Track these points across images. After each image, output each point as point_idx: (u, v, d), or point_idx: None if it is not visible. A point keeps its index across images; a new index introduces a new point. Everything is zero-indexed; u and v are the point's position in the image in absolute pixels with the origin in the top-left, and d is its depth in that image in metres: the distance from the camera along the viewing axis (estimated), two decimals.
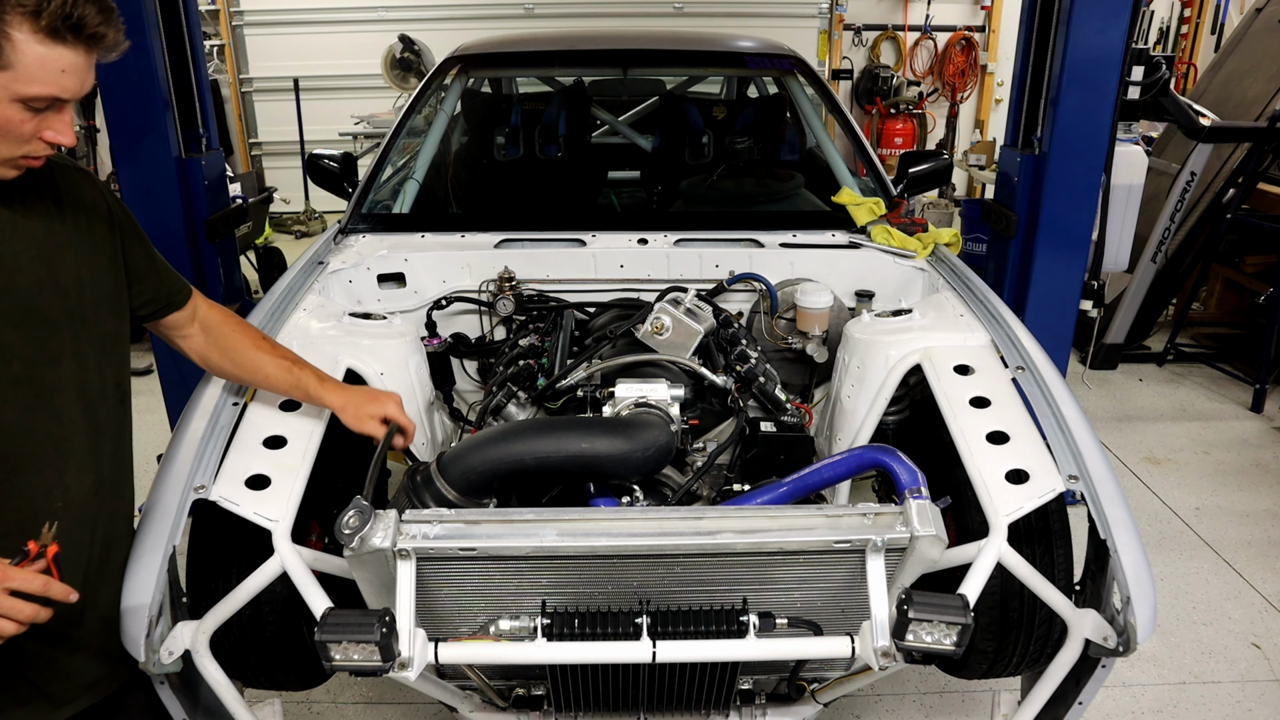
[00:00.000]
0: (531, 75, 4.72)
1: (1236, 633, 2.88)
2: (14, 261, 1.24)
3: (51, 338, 1.29)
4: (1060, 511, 1.81)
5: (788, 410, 2.09)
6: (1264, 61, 5.04)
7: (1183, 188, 4.54)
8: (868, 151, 3.26)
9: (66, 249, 1.31)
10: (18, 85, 1.06)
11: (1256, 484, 3.81)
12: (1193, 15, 8.60)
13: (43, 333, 1.28)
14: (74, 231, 1.33)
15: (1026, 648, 1.84)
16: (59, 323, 1.30)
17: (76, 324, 1.32)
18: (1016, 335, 2.08)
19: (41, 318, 1.27)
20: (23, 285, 1.24)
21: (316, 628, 1.32)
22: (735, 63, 3.80)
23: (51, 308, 1.29)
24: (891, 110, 8.42)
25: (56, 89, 1.11)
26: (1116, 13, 3.05)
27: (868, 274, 2.62)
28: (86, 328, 1.34)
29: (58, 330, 1.30)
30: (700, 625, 1.48)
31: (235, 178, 5.23)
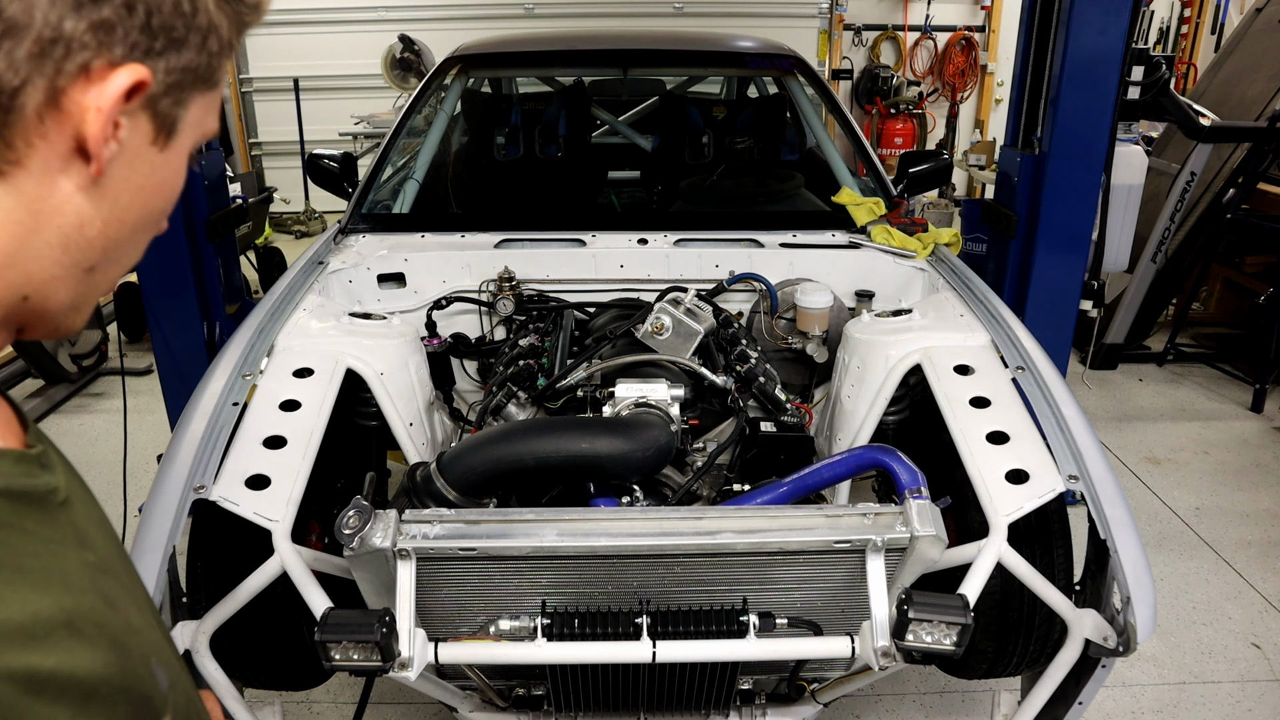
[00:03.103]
0: (531, 75, 4.72)
1: (1236, 633, 2.88)
2: None
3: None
4: (1060, 511, 1.81)
5: (788, 410, 2.09)
6: (1264, 61, 5.04)
7: (1183, 188, 4.54)
8: (868, 151, 3.26)
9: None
10: (210, 117, 0.60)
11: (1256, 484, 3.81)
12: (1193, 15, 8.60)
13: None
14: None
15: (1026, 648, 1.84)
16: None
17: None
18: (1016, 335, 2.08)
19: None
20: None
21: (316, 628, 1.32)
22: (735, 63, 3.80)
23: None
24: (891, 110, 8.42)
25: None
26: (1116, 13, 3.05)
27: (868, 274, 2.62)
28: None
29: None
30: (700, 625, 1.48)
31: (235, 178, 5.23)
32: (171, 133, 0.56)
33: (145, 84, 0.51)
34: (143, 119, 0.53)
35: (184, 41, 0.53)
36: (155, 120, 0.54)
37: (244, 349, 1.98)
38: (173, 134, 0.56)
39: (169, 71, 0.53)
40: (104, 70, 0.49)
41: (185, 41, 0.53)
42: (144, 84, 0.51)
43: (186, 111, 0.56)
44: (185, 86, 0.55)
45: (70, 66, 0.48)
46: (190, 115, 0.57)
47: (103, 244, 0.55)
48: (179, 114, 0.56)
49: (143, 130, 0.54)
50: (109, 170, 0.52)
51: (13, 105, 0.48)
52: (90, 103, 0.49)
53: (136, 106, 0.52)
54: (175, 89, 0.54)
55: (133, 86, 0.50)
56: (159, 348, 3.40)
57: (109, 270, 0.58)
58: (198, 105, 0.57)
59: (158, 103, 0.54)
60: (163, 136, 0.55)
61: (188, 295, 3.30)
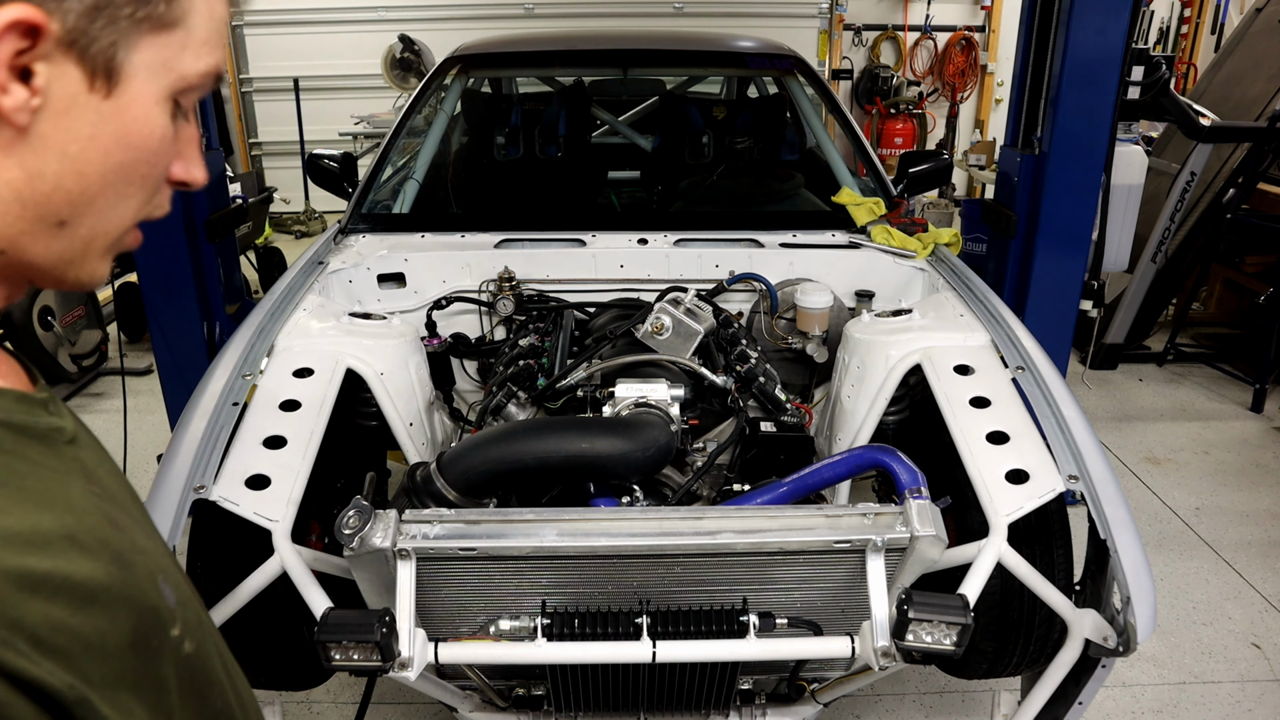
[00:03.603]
0: (531, 75, 4.72)
1: (1236, 633, 2.88)
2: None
3: None
4: (1060, 511, 1.81)
5: (788, 410, 2.09)
6: (1264, 61, 5.04)
7: (1183, 188, 4.54)
8: (868, 151, 3.26)
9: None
10: (186, 59, 0.56)
11: (1256, 484, 3.81)
12: (1193, 15, 8.60)
13: None
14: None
15: (1026, 648, 1.84)
16: None
17: None
18: (1016, 335, 2.08)
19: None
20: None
21: (316, 628, 1.32)
22: (735, 63, 3.80)
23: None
24: (891, 110, 8.42)
25: (218, 63, 0.61)
26: (1116, 13, 3.05)
27: (868, 274, 2.62)
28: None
29: None
30: (700, 625, 1.48)
31: (235, 178, 5.23)
32: (113, 78, 0.52)
33: (36, 25, 0.47)
34: (66, 65, 0.50)
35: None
36: (84, 65, 0.50)
37: (244, 349, 1.98)
38: (115, 79, 0.52)
39: (80, 11, 0.49)
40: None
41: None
42: (34, 24, 0.47)
43: (132, 54, 0.52)
44: (113, 25, 0.50)
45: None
46: (140, 58, 0.53)
47: (64, 197, 0.53)
48: (117, 57, 0.51)
49: (70, 77, 0.50)
50: (39, 122, 0.50)
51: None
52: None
53: (52, 51, 0.49)
54: (100, 30, 0.50)
55: (17, 26, 0.47)
56: (159, 348, 3.40)
57: (88, 223, 0.56)
58: (149, 47, 0.53)
59: (80, 46, 0.50)
60: (101, 82, 0.51)
61: (188, 295, 3.30)
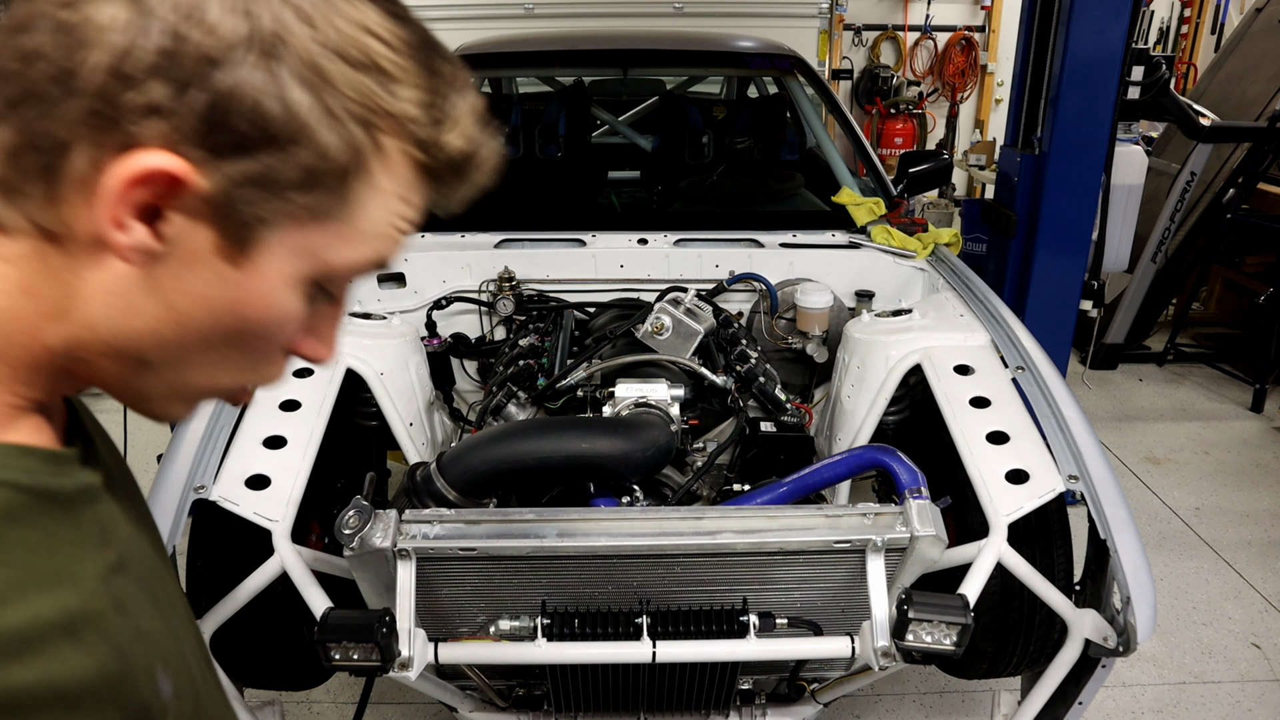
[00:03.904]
0: (531, 75, 4.72)
1: (1236, 633, 2.88)
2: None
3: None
4: (1060, 511, 1.81)
5: (788, 410, 2.09)
6: (1264, 61, 5.04)
7: (1183, 188, 4.54)
8: (868, 151, 3.26)
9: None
10: (339, 249, 0.53)
11: (1256, 484, 3.81)
12: (1193, 15, 8.59)
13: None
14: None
15: (1026, 648, 1.84)
16: None
17: None
18: (1016, 335, 2.08)
19: None
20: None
21: (316, 628, 1.32)
22: (735, 63, 3.80)
23: None
24: (891, 110, 8.42)
25: (381, 256, 0.56)
26: (1116, 13, 3.05)
27: (868, 274, 2.62)
28: None
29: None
30: (700, 625, 1.48)
31: None
32: (245, 250, 0.50)
33: (184, 180, 0.46)
34: (201, 222, 0.48)
35: (257, 148, 0.47)
36: (219, 227, 0.49)
37: None
38: (247, 251, 0.50)
39: (235, 178, 0.47)
40: (139, 151, 0.46)
41: (259, 148, 0.47)
42: (181, 179, 0.46)
43: (275, 233, 0.50)
44: (267, 203, 0.48)
45: (112, 139, 0.45)
46: (284, 238, 0.50)
47: (155, 341, 0.52)
48: (258, 230, 0.49)
49: (201, 235, 0.49)
50: (160, 266, 0.49)
51: (60, 164, 0.46)
52: (106, 179, 0.46)
53: (191, 206, 0.47)
54: (250, 202, 0.48)
55: (159, 175, 0.46)
56: None
57: (175, 372, 0.54)
58: (297, 230, 0.50)
59: (222, 210, 0.48)
60: (233, 249, 0.50)
61: None
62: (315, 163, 0.49)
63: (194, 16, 0.45)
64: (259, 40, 0.46)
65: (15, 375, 0.51)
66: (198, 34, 0.45)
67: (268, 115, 0.47)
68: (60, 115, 0.45)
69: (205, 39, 0.45)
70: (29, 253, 0.48)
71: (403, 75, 0.51)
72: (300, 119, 0.47)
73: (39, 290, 0.49)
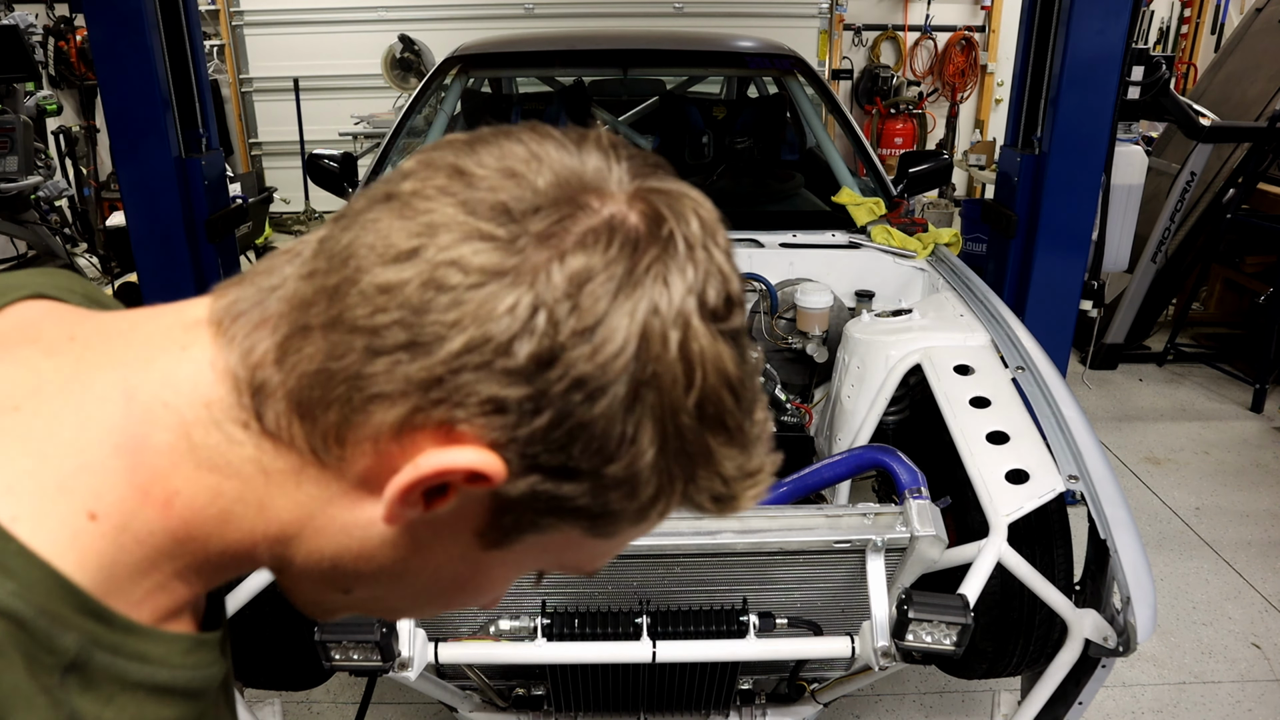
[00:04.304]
0: (531, 75, 4.72)
1: (1236, 633, 2.88)
2: None
3: None
4: (1060, 511, 1.81)
5: (788, 410, 2.09)
6: (1264, 61, 5.04)
7: (1183, 188, 4.54)
8: (868, 151, 3.26)
9: None
10: (581, 558, 0.53)
11: (1256, 484, 3.81)
12: (1193, 15, 8.59)
13: None
14: None
15: (1026, 648, 1.84)
16: None
17: None
18: (1016, 335, 2.08)
19: None
20: None
21: (316, 628, 1.32)
22: (735, 63, 3.80)
23: None
24: (891, 110, 8.42)
25: (601, 566, 0.57)
26: (1116, 13, 3.05)
27: (868, 274, 2.62)
28: None
29: None
30: (700, 625, 1.48)
31: (235, 178, 5.24)
32: (503, 543, 0.47)
33: (489, 479, 0.42)
34: (476, 509, 0.45)
35: (578, 476, 0.43)
36: (491, 521, 0.45)
37: None
38: (504, 544, 0.47)
39: (536, 492, 0.43)
40: (461, 439, 0.41)
41: (579, 477, 0.43)
42: (487, 478, 0.42)
43: (540, 535, 0.47)
44: (548, 514, 0.45)
45: (435, 415, 0.41)
46: (544, 541, 0.47)
47: (369, 581, 0.49)
48: (525, 533, 0.46)
49: (470, 520, 0.46)
50: (411, 527, 0.46)
51: (366, 408, 0.42)
52: (422, 458, 0.42)
53: (475, 494, 0.44)
54: (535, 510, 0.44)
55: (469, 473, 0.42)
56: None
57: (366, 605, 0.52)
58: (559, 538, 0.47)
59: (504, 508, 0.44)
60: (492, 540, 0.47)
61: (188, 295, 3.24)
62: (621, 502, 0.44)
63: (590, 336, 0.40)
64: (639, 373, 0.41)
65: (209, 572, 0.47)
66: (582, 355, 0.40)
67: (608, 452, 0.42)
68: (396, 368, 0.41)
69: (589, 365, 0.40)
70: (288, 471, 0.44)
71: (738, 434, 0.45)
72: (637, 465, 0.43)
73: (278, 513, 0.45)
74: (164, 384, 0.44)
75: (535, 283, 0.40)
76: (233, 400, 0.43)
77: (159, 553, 0.44)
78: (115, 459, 0.42)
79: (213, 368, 0.44)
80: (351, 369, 0.41)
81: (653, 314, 0.41)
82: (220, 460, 0.43)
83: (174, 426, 0.43)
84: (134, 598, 0.43)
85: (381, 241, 0.41)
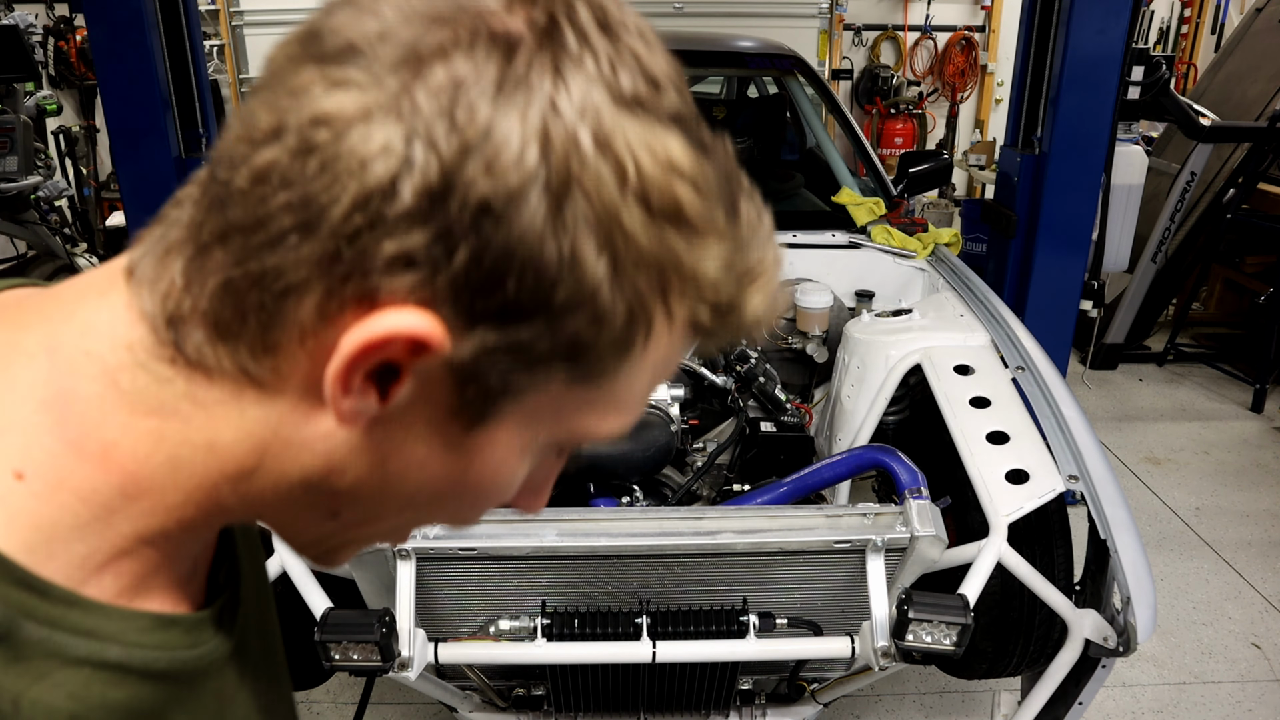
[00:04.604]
0: None
1: (1236, 633, 2.88)
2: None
3: None
4: (1060, 511, 1.81)
5: (788, 410, 2.09)
6: (1264, 61, 5.04)
7: (1183, 188, 4.54)
8: (868, 151, 3.26)
9: None
10: (585, 420, 0.46)
11: (1257, 484, 3.81)
12: (1193, 15, 8.59)
13: None
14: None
15: (1027, 648, 1.84)
16: None
17: None
18: (1016, 335, 2.08)
19: None
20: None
21: (316, 628, 1.32)
22: (735, 63, 3.80)
23: None
24: (891, 110, 8.41)
25: (625, 426, 0.50)
26: (1116, 13, 3.05)
27: (868, 274, 2.62)
28: None
29: None
30: (700, 625, 1.48)
31: None
32: (481, 417, 0.42)
33: (432, 345, 0.38)
34: (437, 387, 0.40)
35: (526, 314, 0.38)
36: (456, 395, 0.41)
37: None
38: (482, 419, 0.42)
39: (490, 346, 0.39)
40: (383, 308, 0.38)
41: (529, 314, 0.38)
42: (429, 344, 0.38)
43: (518, 401, 0.42)
44: (518, 370, 0.40)
45: (350, 290, 0.37)
46: (528, 406, 0.42)
47: (352, 498, 0.45)
48: (501, 400, 0.41)
49: (435, 401, 0.41)
50: (378, 428, 0.42)
51: (280, 307, 0.38)
52: (344, 339, 0.38)
53: (430, 369, 0.39)
54: (500, 369, 0.40)
55: (403, 339, 0.38)
56: None
57: (366, 528, 0.48)
58: (551, 401, 0.42)
59: (466, 376, 0.40)
60: (468, 418, 0.42)
61: None
62: (588, 332, 0.40)
63: (479, 149, 0.36)
64: (553, 181, 0.37)
65: (181, 536, 0.44)
66: (478, 173, 0.36)
67: (548, 278, 0.37)
68: (293, 254, 0.37)
69: (485, 181, 0.36)
70: (225, 399, 0.41)
71: (708, 227, 0.41)
72: (586, 284, 0.38)
73: (229, 447, 0.42)
74: (84, 333, 0.41)
75: (400, 111, 0.36)
76: (153, 339, 0.41)
77: (108, 511, 0.41)
78: (41, 415, 0.40)
79: (129, 309, 0.41)
80: (254, 271, 0.38)
81: (551, 112, 0.37)
82: (153, 402, 0.41)
83: (99, 375, 0.41)
84: (84, 565, 0.40)
85: (247, 130, 0.38)
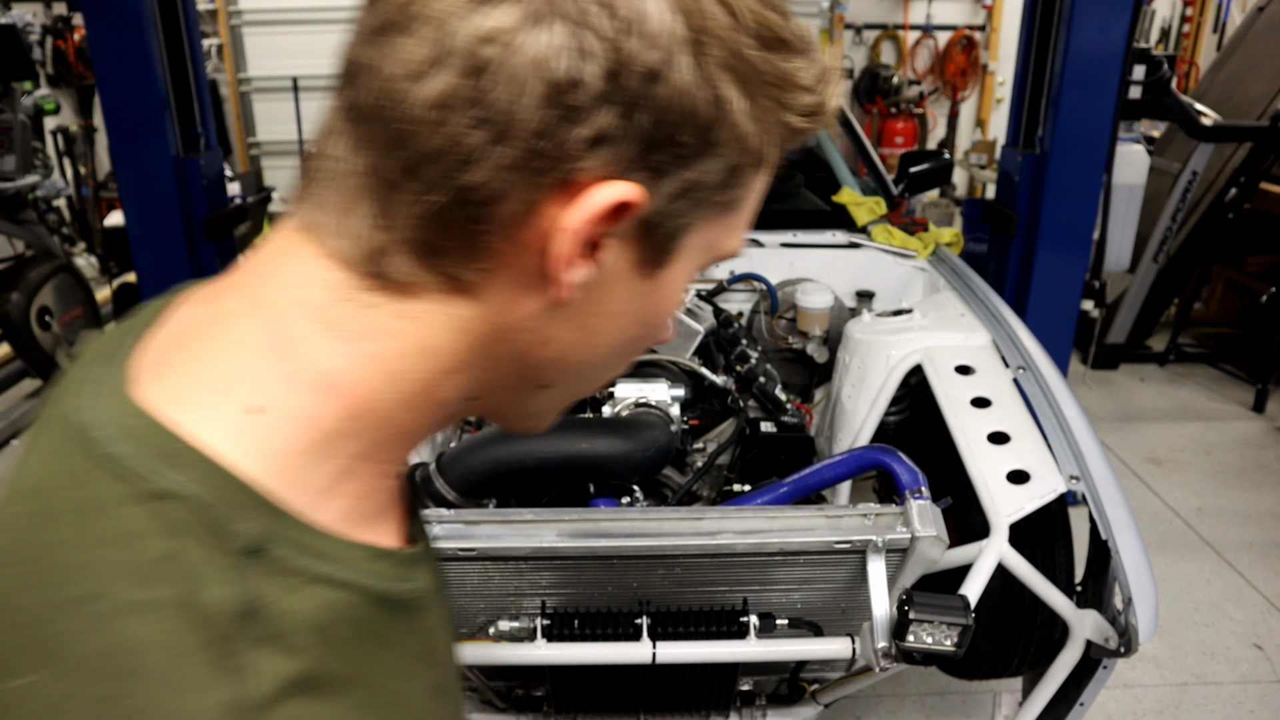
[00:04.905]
0: None
1: (1238, 634, 2.87)
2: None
3: None
4: (1061, 512, 1.81)
5: (788, 410, 2.09)
6: (1266, 61, 5.03)
7: (1184, 187, 4.53)
8: (868, 151, 3.25)
9: None
10: (728, 239, 0.52)
11: (1258, 484, 3.80)
12: (1195, 14, 8.59)
13: None
14: None
15: (1028, 649, 1.84)
16: None
17: None
18: (1017, 335, 2.07)
19: None
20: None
21: None
22: None
23: None
24: (892, 109, 8.41)
25: (745, 239, 0.57)
26: (1118, 12, 3.05)
27: (868, 274, 2.62)
28: None
29: None
30: (700, 626, 1.47)
31: (234, 177, 5.23)
32: (664, 259, 0.47)
33: (634, 205, 0.42)
34: (630, 242, 0.45)
35: (695, 156, 0.44)
36: (646, 245, 0.46)
37: None
38: (665, 260, 0.47)
39: (671, 192, 0.44)
40: (586, 185, 0.42)
41: (697, 156, 0.44)
42: (632, 205, 0.42)
43: (689, 236, 0.47)
44: (693, 210, 0.46)
45: (551, 179, 0.41)
46: (694, 239, 0.48)
47: (562, 366, 0.49)
48: (679, 238, 0.47)
49: (629, 255, 0.46)
50: (578, 294, 0.45)
51: (484, 214, 0.42)
52: (563, 221, 0.42)
53: (625, 228, 0.44)
54: (679, 212, 0.45)
55: (615, 207, 0.42)
56: None
57: (570, 388, 0.53)
58: (707, 228, 0.48)
59: (653, 225, 0.45)
60: (654, 263, 0.47)
61: None
62: (738, 159, 0.46)
63: (634, 26, 0.40)
64: (690, 36, 0.42)
65: (395, 444, 0.48)
66: (640, 46, 0.40)
67: (706, 120, 0.43)
68: (490, 164, 0.40)
69: (648, 52, 0.40)
70: (434, 308, 0.44)
71: (797, 44, 0.46)
72: (732, 117, 0.44)
73: (443, 348, 0.45)
74: (284, 286, 0.45)
75: (559, 11, 0.39)
76: (352, 276, 0.44)
77: (336, 435, 0.44)
78: (264, 358, 0.43)
79: (319, 257, 0.44)
80: (453, 191, 0.41)
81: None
82: (363, 327, 0.44)
83: (308, 316, 0.44)
84: (317, 491, 0.43)
85: (403, 66, 0.40)
